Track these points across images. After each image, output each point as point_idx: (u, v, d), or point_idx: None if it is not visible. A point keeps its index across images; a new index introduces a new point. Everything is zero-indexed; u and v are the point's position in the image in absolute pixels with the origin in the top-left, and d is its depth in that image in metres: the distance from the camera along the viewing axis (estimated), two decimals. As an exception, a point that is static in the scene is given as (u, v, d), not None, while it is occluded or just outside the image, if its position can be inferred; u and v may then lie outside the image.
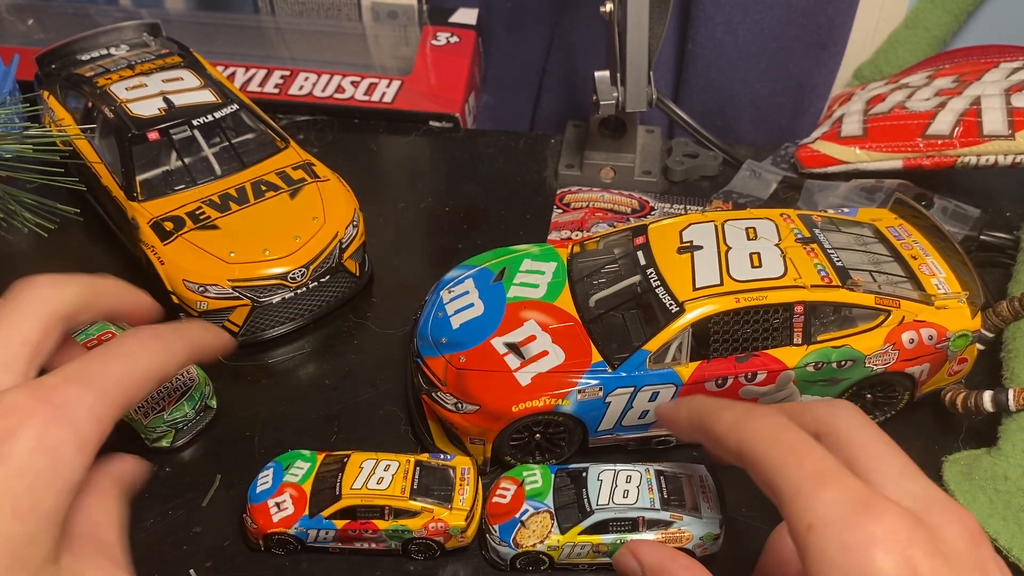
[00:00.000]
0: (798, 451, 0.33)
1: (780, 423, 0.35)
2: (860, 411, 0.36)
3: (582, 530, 0.48)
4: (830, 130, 0.76)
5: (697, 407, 0.40)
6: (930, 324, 0.53)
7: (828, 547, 0.30)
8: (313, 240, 0.61)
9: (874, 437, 0.34)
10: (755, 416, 0.35)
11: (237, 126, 0.68)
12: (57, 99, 0.71)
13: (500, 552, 0.49)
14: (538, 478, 0.51)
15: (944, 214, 0.69)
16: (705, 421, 0.38)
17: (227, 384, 0.60)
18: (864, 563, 0.29)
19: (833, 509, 0.30)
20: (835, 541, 0.30)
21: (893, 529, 0.29)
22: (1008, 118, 0.68)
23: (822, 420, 0.36)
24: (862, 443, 0.34)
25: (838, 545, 0.30)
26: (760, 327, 0.51)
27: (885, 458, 0.34)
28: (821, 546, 0.30)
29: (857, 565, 0.29)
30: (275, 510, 0.49)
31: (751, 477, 0.34)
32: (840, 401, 0.38)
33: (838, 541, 0.30)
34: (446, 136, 0.84)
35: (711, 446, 0.38)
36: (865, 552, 0.29)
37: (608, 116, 0.74)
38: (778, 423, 0.35)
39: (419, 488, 0.49)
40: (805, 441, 0.33)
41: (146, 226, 0.61)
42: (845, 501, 0.30)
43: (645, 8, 0.65)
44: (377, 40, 0.92)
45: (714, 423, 0.37)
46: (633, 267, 0.55)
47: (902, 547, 0.29)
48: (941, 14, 0.84)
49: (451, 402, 0.52)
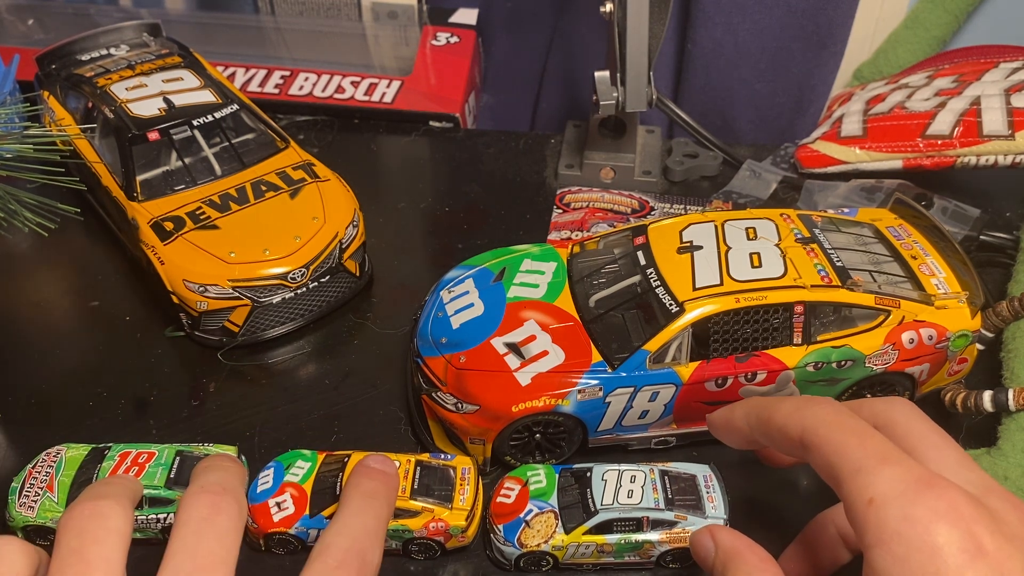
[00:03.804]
0: (860, 433, 0.34)
1: (840, 409, 0.36)
2: (916, 406, 0.37)
3: (586, 530, 0.48)
4: (830, 130, 0.76)
5: (754, 403, 0.41)
6: (930, 324, 0.53)
7: (890, 519, 0.30)
8: (313, 240, 0.61)
9: (931, 430, 0.35)
10: (815, 403, 0.36)
11: (237, 126, 0.68)
12: (57, 99, 0.71)
13: (504, 552, 0.49)
14: (542, 478, 0.51)
15: (944, 214, 0.69)
16: (763, 414, 0.39)
17: (227, 384, 0.60)
18: (927, 536, 0.29)
19: (896, 484, 0.30)
20: (898, 513, 0.30)
21: (956, 505, 0.29)
22: (1008, 118, 0.68)
23: (880, 413, 0.37)
24: (920, 434, 0.35)
25: (901, 516, 0.30)
26: (760, 327, 0.51)
27: (943, 448, 0.34)
28: (883, 519, 0.30)
29: (920, 536, 0.29)
30: (276, 510, 0.49)
31: (810, 462, 0.35)
32: (897, 398, 0.39)
33: (901, 513, 0.30)
34: (446, 136, 0.84)
35: (770, 439, 0.39)
36: (928, 525, 0.29)
37: (608, 116, 0.74)
38: (838, 409, 0.36)
39: (419, 488, 0.49)
40: (866, 426, 0.34)
41: (146, 226, 0.61)
42: (908, 478, 0.31)
43: (645, 8, 0.65)
44: (377, 40, 0.92)
45: (774, 412, 0.38)
46: (633, 267, 0.55)
47: (966, 523, 0.29)
48: (941, 14, 0.84)
49: (451, 402, 0.52)
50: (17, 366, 0.62)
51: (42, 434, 0.56)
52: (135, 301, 0.66)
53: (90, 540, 0.30)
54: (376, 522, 0.34)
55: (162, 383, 0.60)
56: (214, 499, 0.32)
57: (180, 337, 0.63)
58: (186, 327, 0.62)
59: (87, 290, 0.67)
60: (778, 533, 0.52)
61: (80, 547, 0.30)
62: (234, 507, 0.32)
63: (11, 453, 0.56)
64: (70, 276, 0.69)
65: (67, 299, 0.67)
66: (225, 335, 0.61)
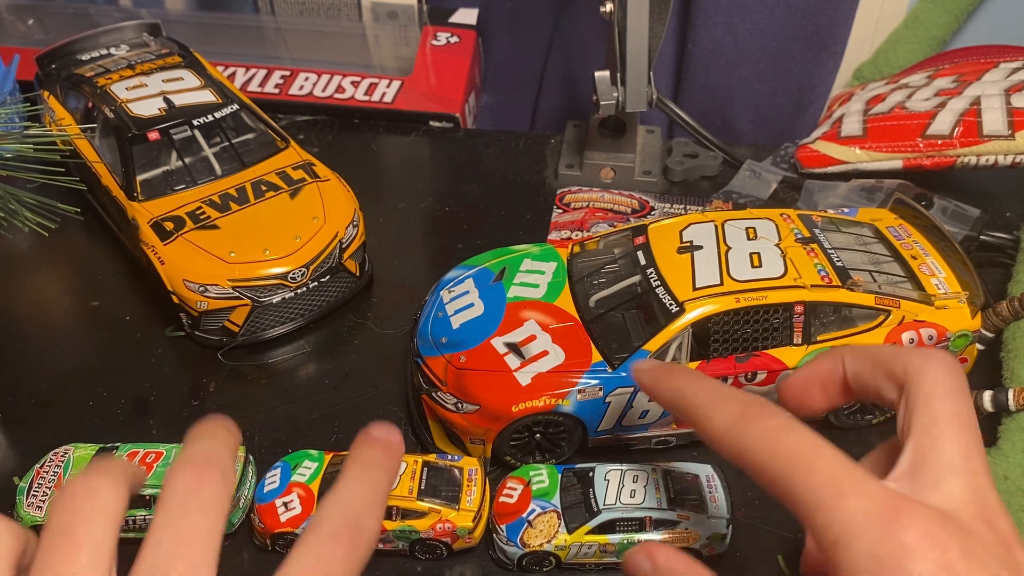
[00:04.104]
0: (804, 457, 0.31)
1: (779, 424, 0.32)
2: (951, 370, 0.33)
3: (589, 530, 0.48)
4: (830, 130, 0.76)
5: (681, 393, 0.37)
6: (930, 324, 0.53)
7: (859, 562, 0.28)
8: (313, 240, 0.61)
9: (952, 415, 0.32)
10: (751, 420, 0.33)
11: (237, 126, 0.68)
12: (57, 99, 0.71)
13: (507, 552, 0.49)
14: (545, 478, 0.51)
15: (944, 214, 0.69)
16: (694, 417, 0.36)
17: (227, 384, 0.60)
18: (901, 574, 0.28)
19: (858, 520, 0.29)
20: (866, 555, 0.28)
21: (926, 534, 0.28)
22: (1008, 118, 0.68)
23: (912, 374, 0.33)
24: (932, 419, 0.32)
25: (868, 556, 0.28)
26: (760, 327, 0.51)
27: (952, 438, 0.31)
28: (852, 563, 0.28)
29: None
30: (282, 510, 0.49)
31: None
32: (935, 355, 0.34)
33: (868, 553, 0.28)
34: (446, 136, 0.84)
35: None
36: (899, 563, 0.28)
37: (608, 116, 0.74)
38: (777, 425, 0.32)
39: (426, 489, 0.49)
40: (810, 442, 0.31)
41: (146, 226, 0.61)
42: (870, 510, 0.29)
43: (645, 8, 0.65)
44: (377, 40, 0.92)
45: (706, 423, 0.35)
46: (633, 267, 0.55)
47: (937, 553, 0.28)
48: (941, 14, 0.84)
49: (451, 402, 0.52)
50: (17, 366, 0.62)
51: (42, 434, 0.56)
52: (135, 301, 0.66)
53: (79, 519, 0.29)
54: (373, 492, 0.33)
55: (162, 383, 0.60)
56: (199, 470, 0.31)
57: (180, 337, 0.63)
58: (186, 327, 0.62)
59: (87, 290, 0.67)
60: (781, 533, 0.52)
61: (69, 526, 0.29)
62: (219, 478, 0.31)
63: (11, 453, 0.56)
64: (70, 276, 0.69)
65: (67, 299, 0.67)
66: (225, 335, 0.61)
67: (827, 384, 0.38)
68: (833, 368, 0.37)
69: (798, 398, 0.38)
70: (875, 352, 0.36)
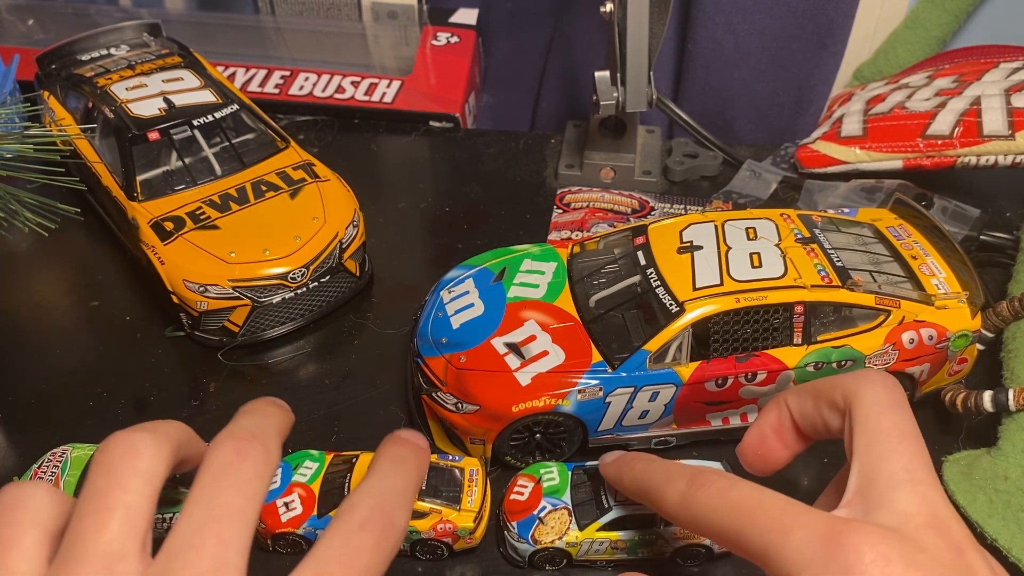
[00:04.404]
0: (748, 507, 0.32)
1: (723, 485, 0.34)
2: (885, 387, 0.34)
3: (600, 527, 0.48)
4: (830, 130, 0.76)
5: (639, 480, 0.40)
6: (930, 324, 0.53)
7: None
8: (313, 240, 0.61)
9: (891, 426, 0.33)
10: (699, 487, 0.35)
11: (237, 126, 0.68)
12: (57, 99, 0.71)
13: (519, 549, 0.49)
14: (555, 475, 0.51)
15: (944, 214, 0.69)
16: (652, 499, 0.38)
17: (227, 384, 0.60)
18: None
19: (804, 551, 0.30)
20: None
21: (866, 552, 0.29)
22: (1008, 118, 0.68)
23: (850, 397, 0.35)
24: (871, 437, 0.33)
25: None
26: (760, 327, 0.51)
27: (886, 459, 0.32)
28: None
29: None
30: (283, 510, 0.49)
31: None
32: (869, 374, 0.35)
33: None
34: (446, 136, 0.84)
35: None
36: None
37: (608, 116, 0.74)
38: (721, 486, 0.34)
39: (427, 489, 0.49)
40: (752, 493, 0.33)
41: (146, 226, 0.61)
42: (813, 538, 0.30)
43: (645, 8, 0.65)
44: (377, 40, 0.92)
45: (661, 502, 0.37)
46: (633, 267, 0.55)
47: (878, 568, 0.28)
48: (941, 14, 0.84)
49: (451, 402, 0.52)
50: (17, 366, 0.62)
51: (42, 434, 0.56)
52: (135, 301, 0.66)
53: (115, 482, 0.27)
54: (404, 484, 0.32)
55: (162, 383, 0.60)
56: (240, 444, 0.29)
57: (180, 337, 0.63)
58: (186, 327, 0.62)
59: (87, 290, 0.67)
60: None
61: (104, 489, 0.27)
62: (260, 454, 0.29)
63: (11, 453, 0.56)
64: (70, 276, 0.69)
65: (67, 299, 0.67)
66: (225, 335, 0.61)
67: (781, 431, 0.39)
68: (780, 414, 0.39)
69: (759, 455, 0.40)
70: (814, 387, 0.37)
